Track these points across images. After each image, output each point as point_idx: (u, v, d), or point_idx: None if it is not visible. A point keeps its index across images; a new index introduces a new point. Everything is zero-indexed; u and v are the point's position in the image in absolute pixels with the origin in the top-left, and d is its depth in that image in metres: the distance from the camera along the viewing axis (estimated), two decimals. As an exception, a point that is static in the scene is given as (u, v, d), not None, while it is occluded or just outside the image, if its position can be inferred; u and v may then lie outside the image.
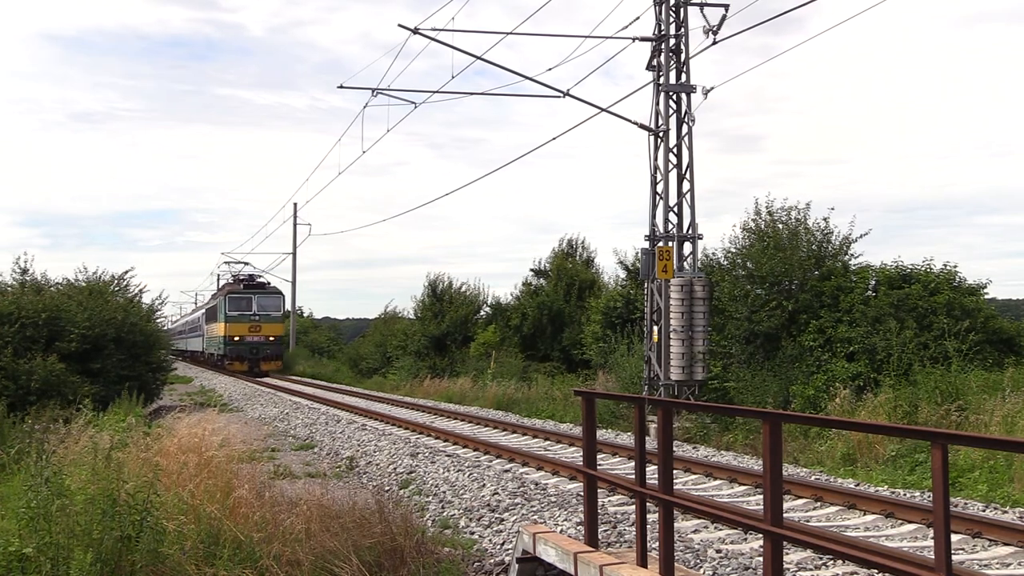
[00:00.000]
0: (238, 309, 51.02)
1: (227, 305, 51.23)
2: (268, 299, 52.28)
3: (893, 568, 4.84)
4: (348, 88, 38.75)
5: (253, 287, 53.38)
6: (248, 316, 50.90)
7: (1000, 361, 17.74)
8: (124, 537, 7.56)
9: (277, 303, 53.05)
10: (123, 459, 9.18)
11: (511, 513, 10.56)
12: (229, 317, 50.92)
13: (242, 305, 51.10)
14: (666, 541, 6.35)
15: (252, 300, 51.41)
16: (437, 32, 20.52)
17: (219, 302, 54.10)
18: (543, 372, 30.86)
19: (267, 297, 52.46)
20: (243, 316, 50.83)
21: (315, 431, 20.77)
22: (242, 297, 51.67)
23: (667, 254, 19.57)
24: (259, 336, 51.07)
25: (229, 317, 50.92)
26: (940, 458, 4.50)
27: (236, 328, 50.90)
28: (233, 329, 50.97)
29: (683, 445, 16.88)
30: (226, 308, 51.18)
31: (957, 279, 19.26)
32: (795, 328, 19.76)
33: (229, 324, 50.91)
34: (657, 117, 20.08)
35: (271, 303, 52.29)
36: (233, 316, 50.89)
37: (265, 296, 52.33)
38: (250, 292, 52.24)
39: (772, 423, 5.49)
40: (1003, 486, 11.48)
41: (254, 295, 51.81)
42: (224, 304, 51.70)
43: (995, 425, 13.68)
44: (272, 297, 52.92)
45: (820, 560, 7.96)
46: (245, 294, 52.00)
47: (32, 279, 25.54)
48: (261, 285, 54.15)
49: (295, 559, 7.94)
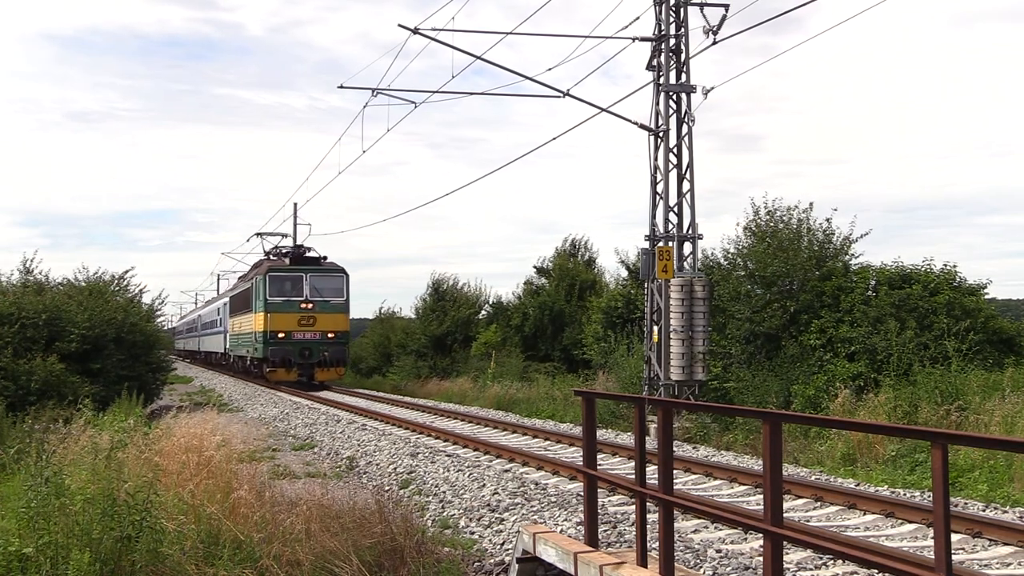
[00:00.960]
0: (283, 293, 36.29)
1: (267, 288, 36.15)
2: (326, 279, 36.88)
3: (893, 568, 4.84)
4: (348, 88, 38.50)
5: (305, 263, 37.51)
6: (297, 304, 36.13)
7: (1000, 361, 17.74)
8: (124, 537, 7.56)
9: (338, 285, 37.14)
10: (123, 459, 9.18)
11: (511, 513, 10.56)
12: (271, 305, 35.95)
13: (289, 288, 36.34)
14: (666, 541, 6.34)
15: (303, 281, 36.40)
16: (437, 32, 20.51)
17: (254, 285, 38.33)
18: (543, 372, 30.87)
19: (324, 276, 36.90)
20: (291, 304, 36.06)
21: (315, 431, 20.77)
22: (289, 276, 36.57)
23: (667, 254, 19.57)
24: (314, 332, 36.16)
25: (271, 305, 35.95)
26: (940, 458, 4.49)
27: (281, 320, 35.88)
28: (277, 322, 35.89)
29: (683, 445, 16.88)
30: (266, 292, 36.10)
31: (957, 279, 19.27)
32: (795, 328, 19.76)
33: (271, 315, 35.87)
34: (657, 117, 20.08)
35: (330, 285, 36.92)
36: (277, 304, 36.06)
37: (322, 275, 36.87)
38: (300, 269, 36.75)
39: (772, 423, 5.49)
40: (1003, 486, 11.48)
41: (306, 273, 36.51)
42: (263, 287, 36.42)
43: (995, 425, 13.68)
44: (331, 276, 37.09)
45: (820, 560, 7.95)
46: (293, 272, 36.71)
47: (34, 279, 25.59)
48: (315, 260, 37.89)
49: (295, 559, 7.94)
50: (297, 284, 36.38)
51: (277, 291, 36.25)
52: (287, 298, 36.14)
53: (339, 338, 36.75)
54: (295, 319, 36.06)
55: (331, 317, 36.52)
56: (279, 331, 35.98)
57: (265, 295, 36.18)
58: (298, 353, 35.92)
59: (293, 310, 36.11)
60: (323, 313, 36.36)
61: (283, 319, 35.95)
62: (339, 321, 36.77)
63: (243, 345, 42.30)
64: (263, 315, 36.19)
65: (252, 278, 40.01)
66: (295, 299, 36.18)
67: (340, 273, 37.38)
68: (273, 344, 35.88)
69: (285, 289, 36.30)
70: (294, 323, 36.02)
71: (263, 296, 36.30)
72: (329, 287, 36.83)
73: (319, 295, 36.39)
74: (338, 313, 36.82)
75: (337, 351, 36.68)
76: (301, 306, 36.14)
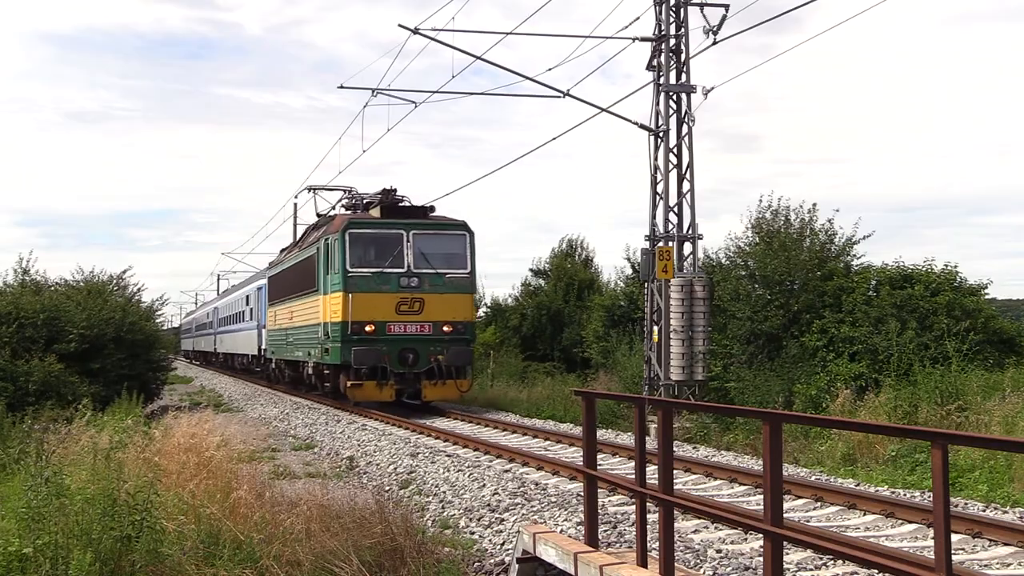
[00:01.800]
0: (370, 262, 23.23)
1: (347, 252, 23.04)
2: (439, 240, 23.99)
3: (893, 568, 4.84)
4: (348, 88, 37.94)
5: (404, 214, 24.06)
6: (395, 279, 23.05)
7: (1000, 361, 17.76)
8: (124, 537, 7.56)
9: (458, 249, 23.98)
10: (123, 459, 9.19)
11: (511, 513, 10.56)
12: (354, 281, 22.93)
13: (379, 254, 23.35)
14: (666, 541, 6.35)
15: (404, 242, 23.28)
16: (437, 32, 20.48)
17: (320, 251, 25.08)
18: (543, 372, 30.87)
19: (437, 235, 24.01)
20: (384, 279, 23.05)
21: (315, 431, 20.77)
22: (380, 235, 23.53)
23: (667, 254, 19.57)
24: (421, 323, 23.11)
25: (354, 281, 22.93)
26: (940, 458, 4.50)
27: (369, 305, 22.87)
28: (363, 307, 22.82)
29: (683, 445, 16.88)
30: (345, 259, 23.03)
31: (958, 279, 19.29)
32: (797, 328, 19.78)
33: (354, 297, 22.81)
34: (657, 117, 20.09)
35: (445, 249, 23.91)
36: (362, 279, 23.02)
37: (433, 233, 23.94)
38: (399, 224, 23.54)
39: (772, 423, 5.49)
40: (1003, 486, 11.48)
41: (408, 231, 23.39)
42: (339, 251, 23.25)
43: (995, 425, 13.69)
44: (447, 236, 24.12)
45: (820, 560, 7.95)
46: (387, 228, 23.55)
47: (32, 279, 25.57)
48: (419, 211, 24.39)
49: (295, 559, 7.94)
50: (393, 247, 22.86)
51: (361, 258, 22.90)
52: (378, 269, 22.72)
53: (461, 333, 23.17)
54: (391, 303, 22.58)
55: (448, 300, 22.97)
56: (366, 322, 22.43)
57: (344, 264, 22.61)
58: (396, 357, 22.44)
59: (388, 288, 22.60)
60: (435, 293, 22.91)
61: (372, 303, 22.55)
62: (460, 306, 23.25)
63: (297, 345, 28.19)
64: (340, 297, 22.63)
65: (314, 243, 25.93)
66: (392, 271, 22.70)
67: (460, 231, 23.69)
68: (357, 342, 22.36)
69: (374, 256, 23.02)
70: (389, 309, 22.56)
71: (340, 266, 22.73)
72: (444, 252, 23.45)
73: (428, 265, 22.97)
74: (459, 294, 23.30)
75: (458, 353, 22.94)
76: (401, 282, 22.64)
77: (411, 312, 22.88)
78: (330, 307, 23.68)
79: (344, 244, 22.99)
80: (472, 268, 23.89)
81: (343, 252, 22.93)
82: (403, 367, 22.71)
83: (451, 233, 23.96)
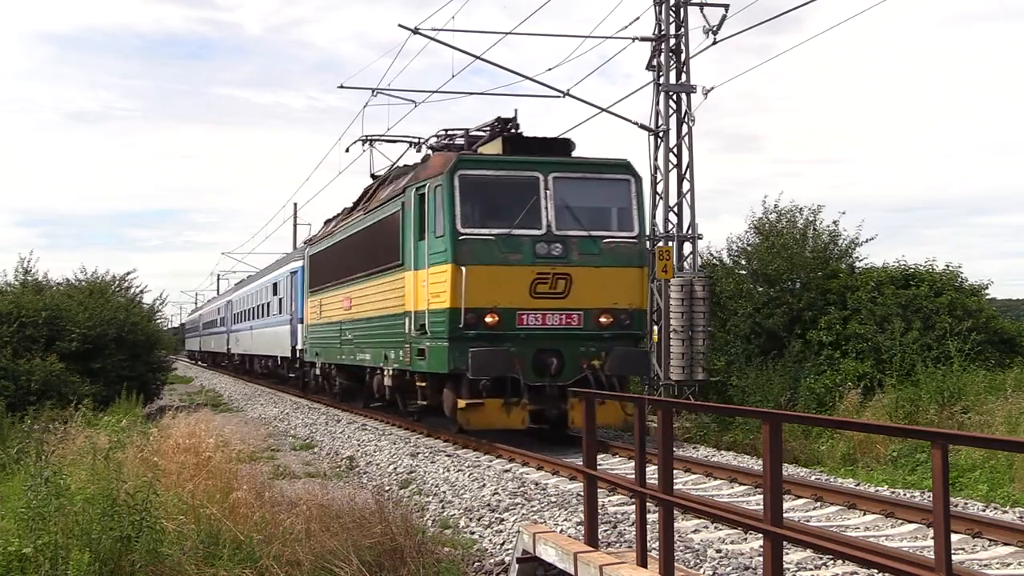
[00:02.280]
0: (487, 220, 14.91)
1: (455, 204, 14.63)
2: (591, 188, 15.71)
3: (893, 568, 4.83)
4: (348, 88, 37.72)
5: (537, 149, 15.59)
6: (529, 244, 14.74)
7: (1002, 361, 17.78)
8: (123, 537, 7.56)
9: (620, 200, 15.62)
10: (122, 459, 9.19)
11: (511, 513, 10.55)
12: (465, 247, 14.54)
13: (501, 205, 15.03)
14: (666, 541, 6.34)
15: (541, 189, 14.90)
16: (437, 32, 20.42)
17: (408, 203, 16.41)
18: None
19: (588, 182, 15.65)
20: (512, 243, 14.70)
21: (315, 431, 20.76)
22: (506, 178, 15.11)
23: (667, 254, 19.58)
24: (564, 312, 14.82)
25: (465, 247, 14.54)
26: (940, 458, 4.49)
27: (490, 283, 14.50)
28: (481, 287, 14.43)
29: (683, 445, 16.87)
30: (454, 214, 14.60)
31: (959, 279, 19.33)
32: (800, 326, 19.79)
33: (468, 270, 14.35)
34: (657, 117, 20.10)
35: (602, 199, 15.84)
36: (478, 243, 14.62)
37: (581, 178, 15.57)
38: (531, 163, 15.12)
39: (772, 423, 5.48)
40: (1003, 486, 11.48)
41: (545, 173, 14.98)
42: (442, 202, 14.84)
43: (998, 425, 13.69)
44: (606, 182, 15.74)
45: (820, 560, 7.94)
46: (515, 168, 15.14)
47: (33, 279, 25.58)
48: (561, 146, 16.00)
49: (295, 559, 7.94)
50: (525, 198, 15.03)
51: (478, 215, 15.10)
52: (504, 230, 14.85)
53: (625, 326, 15.35)
54: (524, 281, 14.84)
55: (607, 278, 15.20)
56: (487, 310, 14.67)
57: (452, 223, 14.73)
58: (531, 363, 14.80)
59: (519, 259, 14.88)
60: (589, 267, 15.09)
61: (496, 281, 14.76)
62: (625, 286, 15.39)
63: (361, 345, 20.04)
64: (447, 272, 14.73)
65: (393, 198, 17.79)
66: (524, 233, 14.93)
67: (623, 174, 15.79)
68: (475, 340, 14.63)
69: (497, 211, 15.15)
70: (521, 291, 14.85)
71: (447, 226, 14.82)
72: (600, 205, 15.92)
73: (578, 224, 15.15)
74: (624, 267, 15.39)
75: (625, 358, 15.15)
76: (539, 250, 14.90)
77: (552, 294, 14.63)
78: (427, 288, 15.29)
79: (452, 192, 14.51)
80: (642, 229, 15.58)
81: (450, 204, 14.49)
82: (540, 377, 14.57)
83: (610, 178, 15.52)
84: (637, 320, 15.50)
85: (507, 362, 14.52)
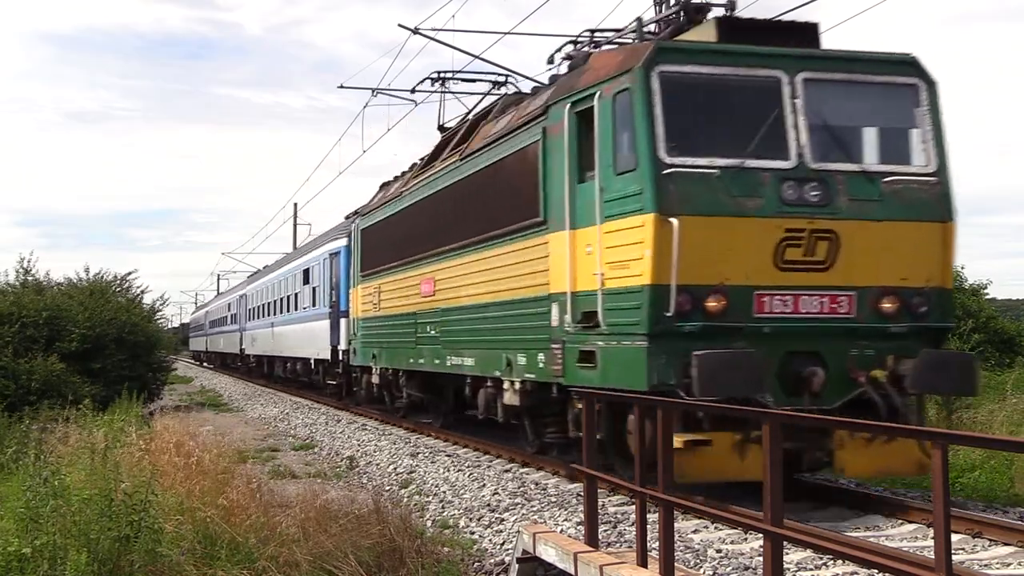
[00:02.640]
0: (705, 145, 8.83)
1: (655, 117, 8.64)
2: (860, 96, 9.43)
3: (893, 568, 4.82)
4: (348, 88, 37.89)
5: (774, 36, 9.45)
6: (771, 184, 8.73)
7: (1002, 361, 17.77)
8: (122, 537, 7.55)
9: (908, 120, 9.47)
10: (120, 459, 9.19)
11: (511, 513, 10.55)
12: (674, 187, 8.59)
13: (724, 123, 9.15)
14: (666, 541, 6.33)
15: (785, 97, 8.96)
16: (437, 32, 20.29)
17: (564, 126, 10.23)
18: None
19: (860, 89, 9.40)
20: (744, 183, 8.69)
21: (315, 431, 20.75)
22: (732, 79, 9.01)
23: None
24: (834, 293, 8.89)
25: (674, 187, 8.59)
26: (940, 458, 4.48)
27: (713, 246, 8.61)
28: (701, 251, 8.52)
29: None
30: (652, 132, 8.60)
31: (959, 280, 19.30)
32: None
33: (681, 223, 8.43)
34: (658, 116, 19.93)
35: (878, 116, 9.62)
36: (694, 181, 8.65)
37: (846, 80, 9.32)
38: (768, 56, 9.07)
39: (772, 423, 5.47)
40: (1003, 486, 11.46)
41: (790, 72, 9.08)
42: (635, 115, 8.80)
43: (998, 425, 13.67)
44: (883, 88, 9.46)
45: (820, 560, 7.93)
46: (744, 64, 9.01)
47: (34, 279, 25.59)
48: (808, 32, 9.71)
49: (293, 560, 7.92)
50: (763, 112, 9.03)
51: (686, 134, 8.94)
52: (732, 160, 8.82)
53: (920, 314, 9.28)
54: (765, 244, 8.81)
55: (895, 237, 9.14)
56: (710, 288, 8.73)
57: (651, 147, 8.72)
58: (777, 373, 8.92)
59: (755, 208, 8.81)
60: (865, 220, 9.06)
61: (721, 243, 8.73)
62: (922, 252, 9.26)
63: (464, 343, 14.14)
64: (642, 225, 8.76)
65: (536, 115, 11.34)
66: (761, 165, 8.89)
67: (910, 76, 9.60)
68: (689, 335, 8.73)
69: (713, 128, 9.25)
70: (762, 258, 8.82)
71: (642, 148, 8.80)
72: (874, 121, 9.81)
73: (842, 152, 9.29)
74: (917, 220, 9.24)
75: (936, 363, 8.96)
76: (786, 194, 8.87)
77: (810, 264, 9.15)
78: (598, 254, 9.71)
79: (649, 98, 8.98)
80: (942, 162, 9.70)
81: (647, 119, 8.96)
82: (793, 397, 9.09)
83: (891, 81, 9.79)
84: (938, 306, 9.61)
85: (756, 372, 8.79)
